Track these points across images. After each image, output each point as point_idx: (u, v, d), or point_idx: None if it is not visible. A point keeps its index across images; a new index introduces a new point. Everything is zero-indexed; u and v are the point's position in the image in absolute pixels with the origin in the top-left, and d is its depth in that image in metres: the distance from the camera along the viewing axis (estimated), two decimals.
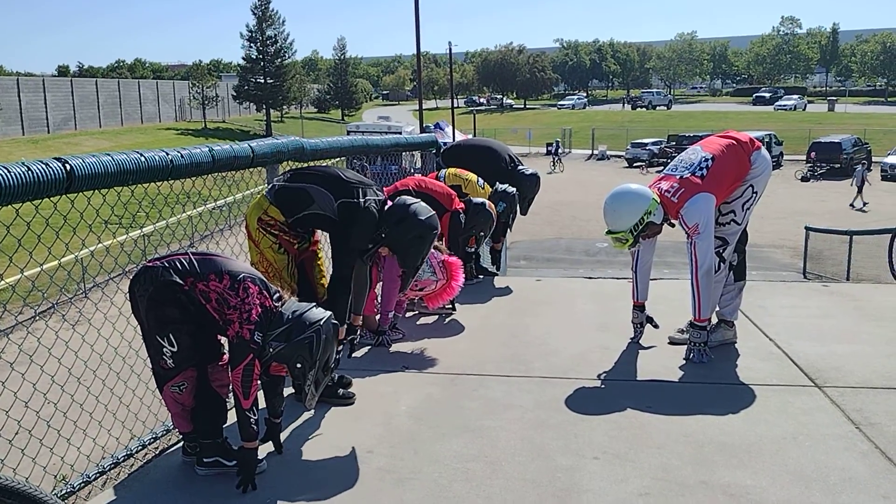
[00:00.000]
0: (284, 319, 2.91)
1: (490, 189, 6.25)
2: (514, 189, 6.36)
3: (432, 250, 4.71)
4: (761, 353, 4.55)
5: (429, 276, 4.65)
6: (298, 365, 2.92)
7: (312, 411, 3.67)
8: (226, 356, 3.08)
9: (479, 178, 6.26)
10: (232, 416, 3.58)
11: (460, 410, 3.78)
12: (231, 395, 3.00)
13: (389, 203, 3.78)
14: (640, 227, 4.27)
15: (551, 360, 4.48)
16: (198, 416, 3.08)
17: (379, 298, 4.92)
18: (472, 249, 6.31)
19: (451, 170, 6.28)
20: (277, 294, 3.00)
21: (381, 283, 4.92)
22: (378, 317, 4.83)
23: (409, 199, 3.79)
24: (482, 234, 5.90)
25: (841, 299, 5.89)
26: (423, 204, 3.80)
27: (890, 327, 5.01)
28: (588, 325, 5.19)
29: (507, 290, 6.27)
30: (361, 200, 3.64)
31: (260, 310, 2.88)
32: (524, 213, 6.69)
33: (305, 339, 2.89)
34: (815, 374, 4.17)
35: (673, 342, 4.67)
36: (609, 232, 4.36)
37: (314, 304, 3.03)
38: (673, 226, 4.42)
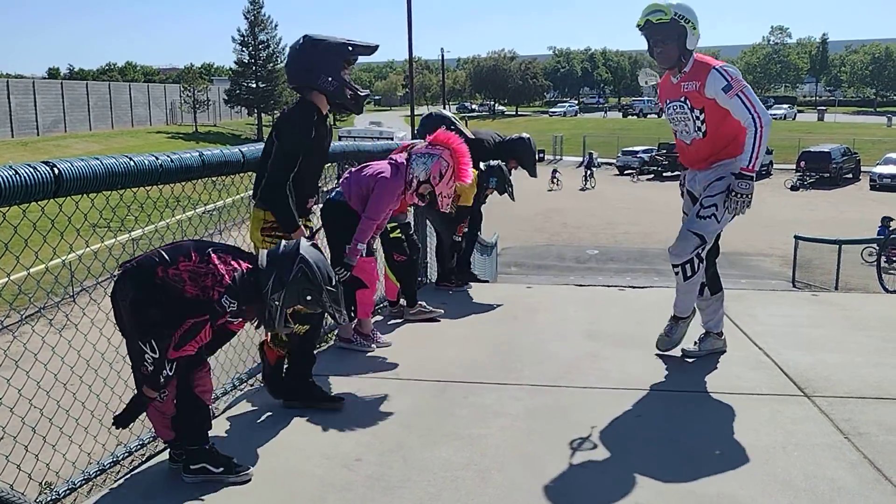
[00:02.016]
0: (267, 271, 2.89)
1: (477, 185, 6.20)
2: (498, 161, 6.34)
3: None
4: (751, 362, 4.55)
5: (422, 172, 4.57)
6: (308, 297, 2.91)
7: (305, 419, 3.67)
8: (207, 362, 3.08)
9: None
10: (218, 423, 3.57)
11: (450, 418, 3.77)
12: (214, 400, 2.99)
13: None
14: (683, 23, 4.09)
15: (541, 368, 4.46)
16: (182, 424, 3.05)
17: (377, 299, 4.89)
18: (459, 238, 6.26)
19: None
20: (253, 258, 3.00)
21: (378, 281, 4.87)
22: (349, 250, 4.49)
23: None
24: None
25: (830, 308, 5.91)
26: None
27: (878, 337, 5.03)
28: (578, 333, 5.18)
29: (497, 297, 6.26)
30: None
31: (234, 275, 2.87)
32: (533, 175, 6.70)
33: (297, 272, 2.87)
34: (805, 383, 4.17)
35: (662, 351, 4.65)
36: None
37: (279, 242, 3.03)
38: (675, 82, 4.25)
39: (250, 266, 2.93)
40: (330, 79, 3.65)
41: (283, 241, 3.01)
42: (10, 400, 3.13)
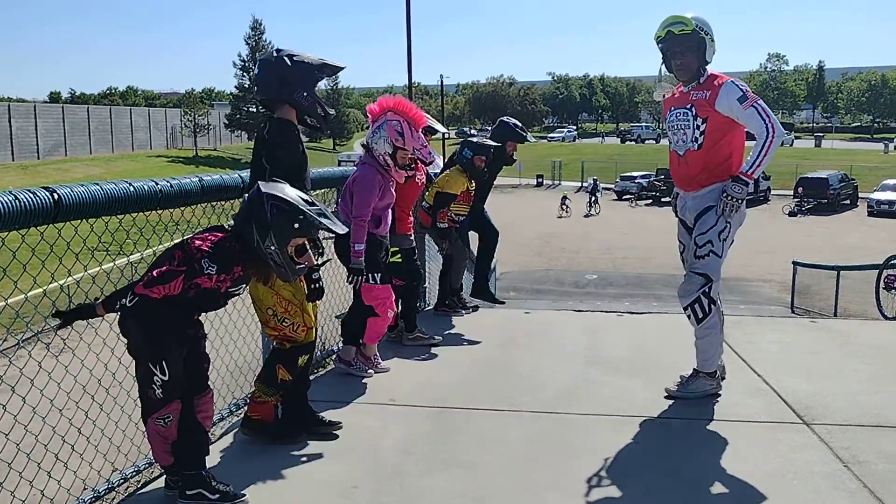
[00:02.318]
0: (244, 227, 2.92)
1: (463, 172, 6.22)
2: (466, 138, 6.46)
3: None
4: (750, 389, 4.54)
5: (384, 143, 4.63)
6: (296, 225, 2.93)
7: (298, 445, 3.65)
8: (211, 388, 3.06)
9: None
10: (215, 449, 3.54)
11: (447, 445, 3.75)
12: (213, 426, 2.97)
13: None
14: (703, 34, 4.13)
15: (539, 395, 4.45)
16: (181, 448, 3.03)
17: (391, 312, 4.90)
18: (445, 225, 6.22)
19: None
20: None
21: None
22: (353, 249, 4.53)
23: None
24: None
25: (829, 335, 5.90)
26: None
27: (877, 364, 5.02)
28: (577, 359, 5.16)
29: (495, 323, 6.26)
30: None
31: (212, 243, 2.88)
32: (527, 140, 6.82)
33: (272, 209, 2.91)
34: (804, 410, 4.16)
35: (670, 395, 4.41)
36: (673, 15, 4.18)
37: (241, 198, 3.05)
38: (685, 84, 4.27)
39: (226, 234, 2.95)
40: (305, 94, 3.68)
41: (246, 195, 3.03)
42: (6, 425, 3.10)
